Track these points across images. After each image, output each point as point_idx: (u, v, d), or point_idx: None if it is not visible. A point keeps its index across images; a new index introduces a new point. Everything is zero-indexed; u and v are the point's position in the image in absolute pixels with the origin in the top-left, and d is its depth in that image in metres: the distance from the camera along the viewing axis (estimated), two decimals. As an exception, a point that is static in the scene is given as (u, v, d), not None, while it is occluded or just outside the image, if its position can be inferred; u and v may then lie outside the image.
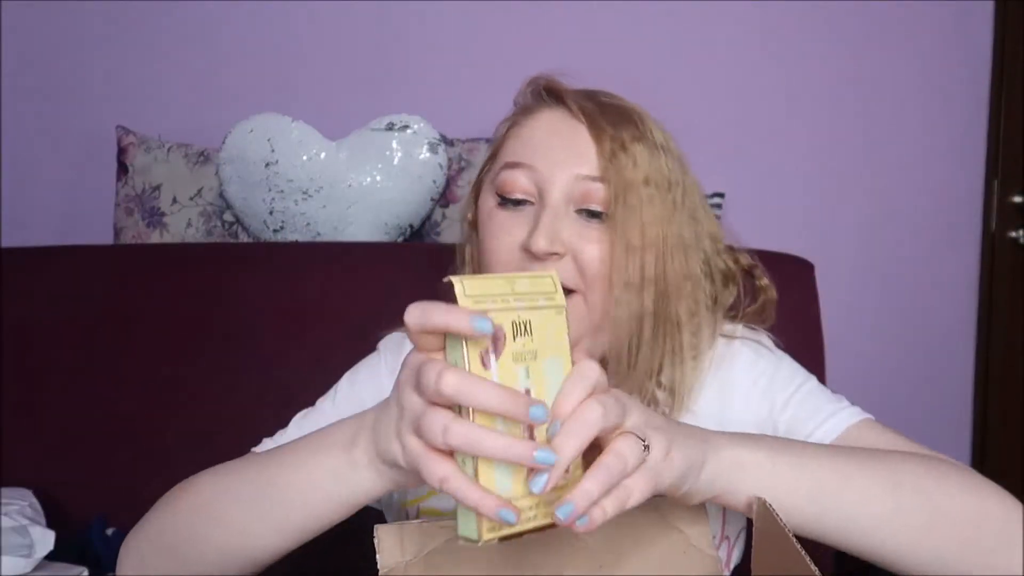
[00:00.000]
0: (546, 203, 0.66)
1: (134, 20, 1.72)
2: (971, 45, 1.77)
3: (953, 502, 0.57)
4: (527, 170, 0.67)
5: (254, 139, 1.42)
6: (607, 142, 0.66)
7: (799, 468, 0.55)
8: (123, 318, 1.19)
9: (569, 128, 0.69)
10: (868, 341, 1.79)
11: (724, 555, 0.73)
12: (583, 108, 0.69)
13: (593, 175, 0.66)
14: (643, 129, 0.69)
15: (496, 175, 0.69)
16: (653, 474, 0.47)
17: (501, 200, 0.69)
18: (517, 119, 0.73)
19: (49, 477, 1.13)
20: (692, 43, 1.75)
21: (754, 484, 0.53)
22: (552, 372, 0.46)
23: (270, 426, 1.15)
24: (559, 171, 0.66)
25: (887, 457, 0.58)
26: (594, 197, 0.66)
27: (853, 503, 0.55)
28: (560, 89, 0.72)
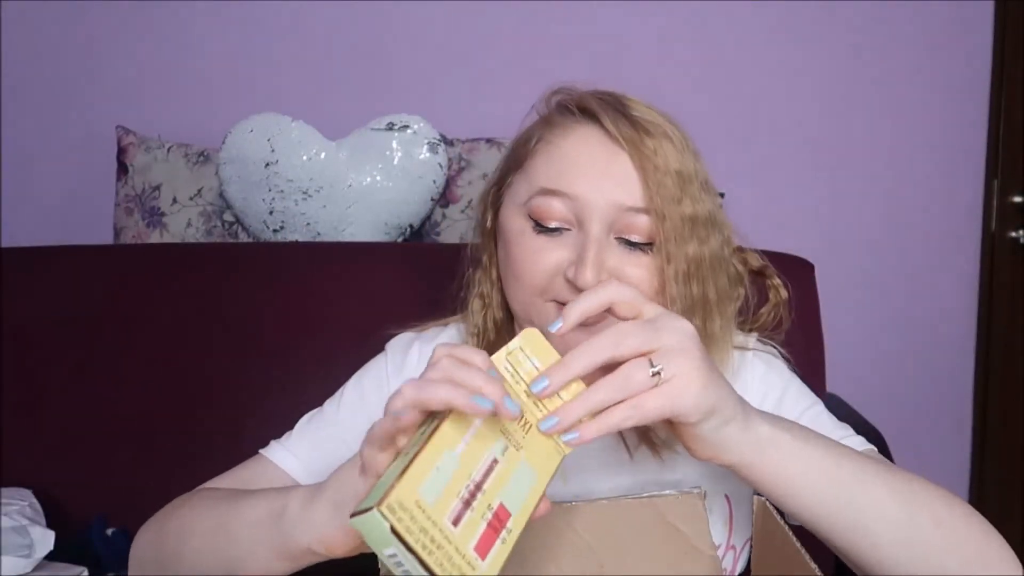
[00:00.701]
0: (588, 233, 0.64)
1: (134, 20, 1.72)
2: (971, 45, 1.77)
3: (958, 535, 0.56)
4: (564, 198, 0.65)
5: (254, 139, 1.42)
6: (651, 171, 0.64)
7: (826, 461, 0.55)
8: (123, 318, 1.19)
9: (608, 152, 0.65)
10: (868, 341, 1.79)
11: (729, 564, 0.73)
12: (622, 132, 0.65)
13: (638, 207, 0.64)
14: (679, 147, 0.67)
15: (530, 199, 0.67)
16: (670, 395, 0.49)
17: (536, 226, 0.66)
18: (546, 135, 0.69)
19: (49, 477, 1.13)
20: (692, 43, 1.75)
21: (780, 464, 0.54)
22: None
23: (269, 425, 1.15)
24: (600, 199, 0.64)
25: (905, 475, 0.58)
26: (638, 228, 0.64)
27: (868, 508, 0.55)
28: (593, 107, 0.68)
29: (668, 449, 0.72)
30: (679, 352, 0.50)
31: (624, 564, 0.55)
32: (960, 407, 1.85)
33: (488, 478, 0.45)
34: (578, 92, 0.71)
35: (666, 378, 0.49)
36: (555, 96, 0.72)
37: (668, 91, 1.72)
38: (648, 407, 0.49)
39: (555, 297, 0.67)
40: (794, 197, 1.79)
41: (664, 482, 0.72)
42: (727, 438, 0.52)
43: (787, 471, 0.54)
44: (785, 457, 0.54)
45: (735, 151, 1.76)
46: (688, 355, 0.50)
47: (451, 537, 0.41)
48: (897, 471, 0.58)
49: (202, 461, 1.16)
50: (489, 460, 0.46)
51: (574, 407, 0.49)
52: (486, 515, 0.44)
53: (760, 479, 0.54)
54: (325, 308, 1.18)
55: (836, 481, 0.55)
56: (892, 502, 0.55)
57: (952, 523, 0.56)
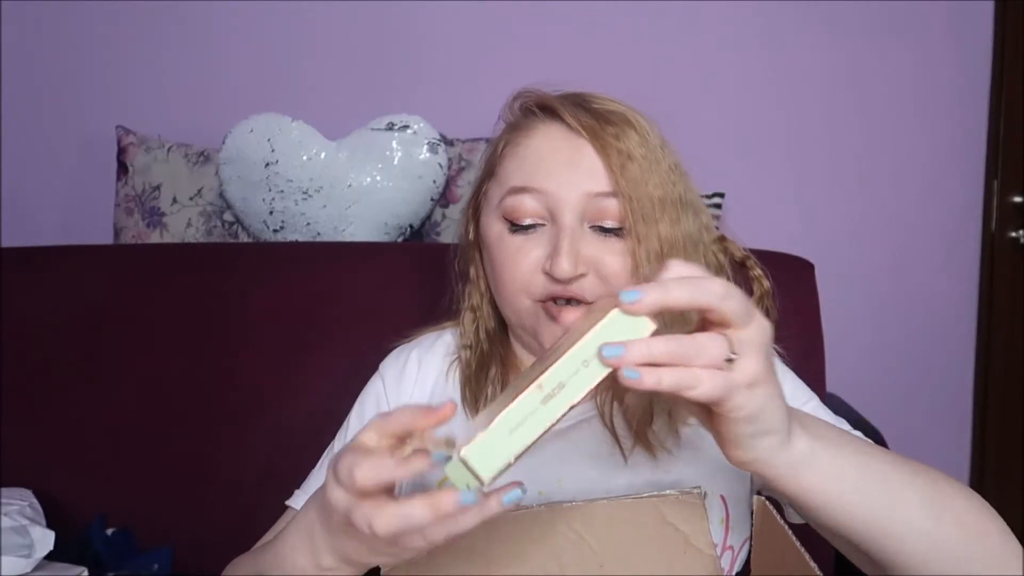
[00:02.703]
0: (561, 224, 0.65)
1: (134, 20, 1.72)
2: (971, 45, 1.77)
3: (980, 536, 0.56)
4: (534, 194, 0.66)
5: (254, 139, 1.42)
6: (614, 155, 0.65)
7: (860, 476, 0.53)
8: (123, 318, 1.19)
9: (570, 144, 0.67)
10: (868, 341, 1.79)
11: (727, 565, 0.73)
12: (582, 122, 0.67)
13: (605, 191, 0.65)
14: (642, 132, 0.68)
15: (501, 200, 0.68)
16: (728, 382, 0.46)
17: (512, 226, 0.67)
18: (511, 138, 0.71)
19: (49, 477, 1.13)
20: (692, 43, 1.75)
21: (812, 485, 0.52)
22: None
23: (269, 425, 1.15)
24: (568, 190, 0.65)
25: (929, 475, 0.57)
26: (609, 213, 0.65)
27: (898, 519, 0.54)
28: (553, 104, 0.70)
29: (663, 451, 0.72)
30: (757, 347, 0.47)
31: (624, 564, 0.55)
32: (960, 407, 1.85)
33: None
34: (538, 93, 0.72)
35: (734, 367, 0.46)
36: (517, 100, 0.74)
37: (668, 91, 1.73)
38: (706, 385, 0.45)
39: (538, 295, 0.68)
40: (794, 197, 1.79)
41: (660, 483, 0.72)
42: (763, 450, 0.50)
43: (819, 492, 0.53)
44: (819, 479, 0.52)
45: (735, 151, 1.76)
46: (762, 353, 0.48)
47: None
48: (921, 471, 0.57)
49: (202, 461, 1.16)
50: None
51: (639, 345, 0.44)
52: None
53: (790, 496, 0.53)
54: (325, 308, 1.18)
55: (868, 496, 0.54)
56: (921, 509, 0.55)
57: (975, 525, 0.56)
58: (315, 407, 0.95)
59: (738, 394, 0.47)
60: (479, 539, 0.55)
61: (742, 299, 0.46)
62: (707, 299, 0.44)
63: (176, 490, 1.15)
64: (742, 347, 0.46)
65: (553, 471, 0.73)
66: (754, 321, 0.47)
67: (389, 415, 0.48)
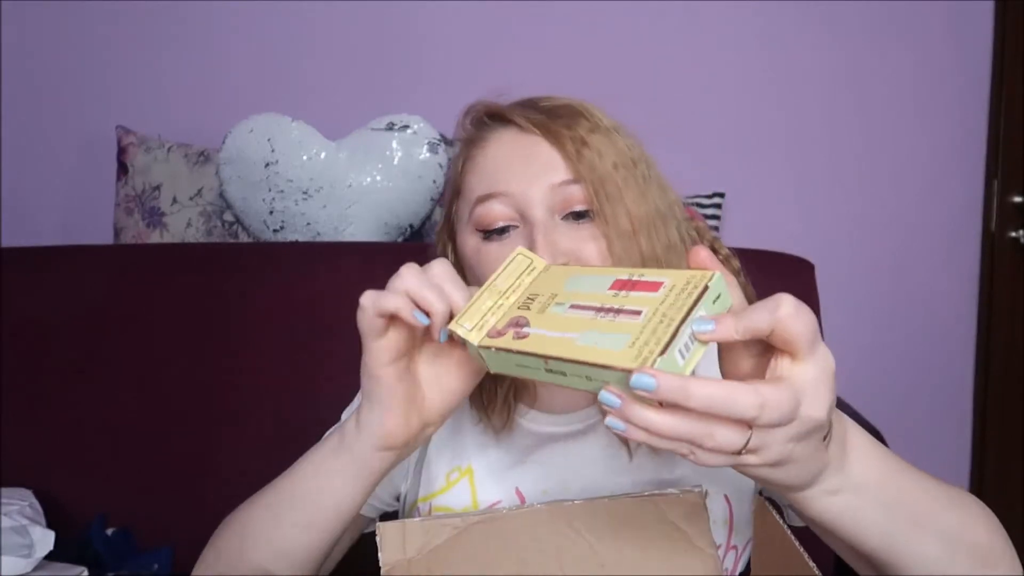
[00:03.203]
0: (532, 221, 0.65)
1: (134, 20, 1.72)
2: (971, 45, 1.77)
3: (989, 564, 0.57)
4: (500, 198, 0.66)
5: (254, 139, 1.42)
6: (568, 143, 0.66)
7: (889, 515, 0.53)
8: (123, 318, 1.19)
9: (525, 143, 0.68)
10: (868, 341, 1.79)
11: (730, 564, 0.73)
12: (531, 120, 0.68)
13: (566, 179, 0.65)
14: (592, 119, 0.69)
15: (471, 213, 0.68)
16: (734, 461, 0.43)
17: (485, 235, 0.67)
18: (469, 152, 0.72)
19: (49, 477, 1.13)
20: (692, 43, 1.75)
21: (840, 523, 0.52)
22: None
23: (269, 426, 1.15)
24: (533, 187, 0.65)
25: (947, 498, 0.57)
26: (575, 199, 0.65)
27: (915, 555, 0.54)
28: (500, 110, 0.71)
29: None
30: (788, 441, 0.43)
31: (625, 563, 0.55)
32: (960, 407, 1.85)
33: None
34: (485, 103, 0.73)
35: (748, 454, 0.43)
36: (467, 116, 0.74)
37: (668, 91, 1.73)
38: (706, 460, 0.43)
39: None
40: (794, 197, 1.79)
41: (664, 482, 0.72)
42: (776, 489, 0.50)
43: (845, 528, 0.52)
44: (848, 522, 0.52)
45: (735, 151, 1.76)
46: (794, 438, 0.44)
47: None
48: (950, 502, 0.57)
49: (203, 460, 1.16)
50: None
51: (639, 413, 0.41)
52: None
53: (806, 518, 0.54)
54: (325, 308, 1.18)
55: (888, 532, 0.53)
56: (938, 546, 0.55)
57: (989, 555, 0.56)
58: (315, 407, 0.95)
59: (748, 469, 0.45)
60: (479, 539, 0.55)
61: (783, 405, 0.42)
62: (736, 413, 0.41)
63: (176, 490, 1.15)
64: (768, 440, 0.43)
65: (559, 478, 0.73)
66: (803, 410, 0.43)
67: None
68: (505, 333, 0.50)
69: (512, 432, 0.74)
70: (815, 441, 0.45)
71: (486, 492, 0.74)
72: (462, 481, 0.75)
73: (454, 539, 0.54)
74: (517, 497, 0.73)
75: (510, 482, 0.73)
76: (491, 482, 0.74)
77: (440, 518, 0.56)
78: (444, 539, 0.55)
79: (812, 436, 0.45)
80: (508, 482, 0.74)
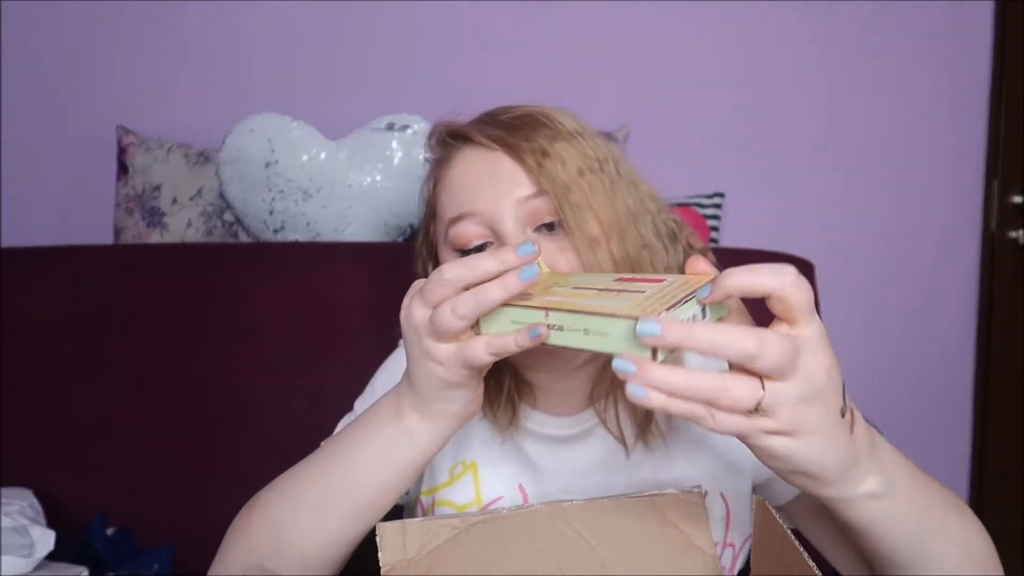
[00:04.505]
0: (505, 237, 0.65)
1: (134, 20, 1.72)
2: (971, 45, 1.77)
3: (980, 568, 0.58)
4: (471, 217, 0.67)
5: (254, 139, 1.42)
6: (528, 156, 0.66)
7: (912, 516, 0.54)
8: (123, 318, 1.19)
9: (488, 160, 0.68)
10: (868, 341, 1.79)
11: (728, 562, 0.73)
12: (491, 136, 0.68)
13: (531, 193, 0.66)
14: (553, 126, 0.69)
15: (446, 234, 0.69)
16: (749, 426, 0.44)
17: (463, 254, 0.68)
18: (437, 173, 0.73)
19: (49, 477, 1.13)
20: (691, 44, 1.75)
21: (868, 521, 0.53)
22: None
23: (269, 426, 1.15)
24: (501, 203, 0.66)
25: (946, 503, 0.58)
26: (542, 211, 0.66)
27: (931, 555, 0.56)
28: (462, 129, 0.72)
29: (664, 444, 0.73)
30: (798, 397, 0.44)
31: (624, 563, 0.55)
32: (960, 407, 1.85)
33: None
34: (447, 123, 0.74)
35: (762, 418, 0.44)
36: (432, 137, 0.75)
37: (668, 91, 1.73)
38: (722, 424, 0.43)
39: None
40: (794, 197, 1.79)
41: (662, 481, 0.72)
42: (802, 487, 0.50)
43: (878, 533, 0.53)
44: (883, 527, 0.53)
45: (735, 151, 1.76)
46: (807, 404, 0.44)
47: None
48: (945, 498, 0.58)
49: (202, 461, 1.16)
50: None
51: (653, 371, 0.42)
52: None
53: (841, 521, 0.54)
54: (325, 308, 1.18)
55: (913, 535, 0.54)
56: (952, 546, 0.56)
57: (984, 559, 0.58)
58: (315, 407, 0.95)
59: (764, 438, 0.45)
60: (479, 539, 0.55)
61: (783, 347, 0.43)
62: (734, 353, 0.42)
63: (176, 490, 1.15)
64: (779, 398, 0.44)
65: (559, 478, 0.73)
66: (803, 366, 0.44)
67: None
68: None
69: (516, 429, 0.74)
70: (826, 409, 0.46)
71: (489, 487, 0.74)
72: (466, 475, 0.75)
73: (454, 539, 0.54)
74: (519, 493, 0.73)
75: (513, 478, 0.74)
76: (494, 478, 0.74)
77: (440, 518, 0.56)
78: (444, 539, 0.55)
79: (820, 400, 0.45)
80: (511, 478, 0.74)
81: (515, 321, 0.50)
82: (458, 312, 0.50)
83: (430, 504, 0.76)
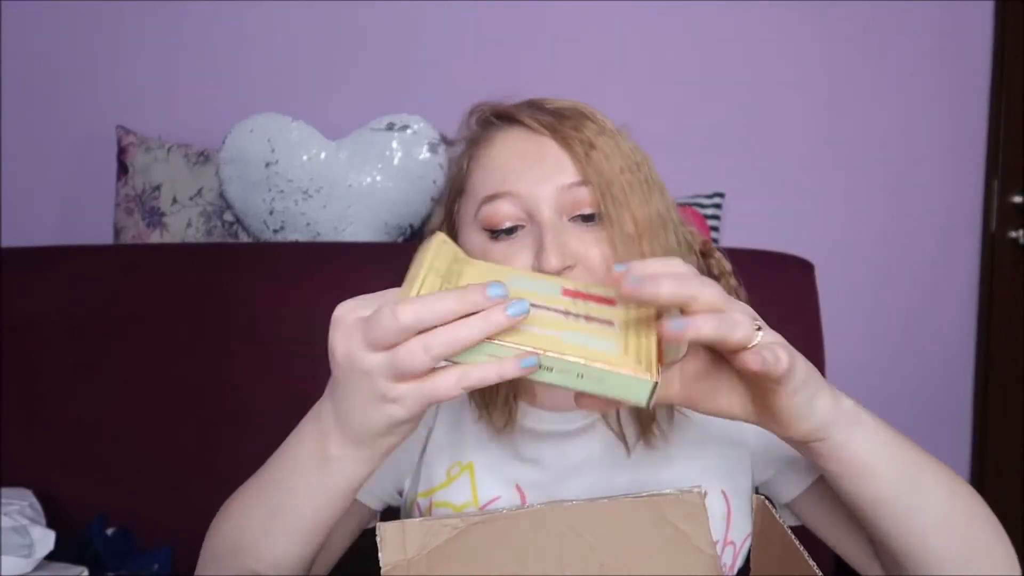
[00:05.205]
0: (541, 222, 0.65)
1: (134, 20, 1.72)
2: (971, 45, 1.77)
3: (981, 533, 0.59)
4: (509, 197, 0.66)
5: (254, 139, 1.42)
6: (577, 145, 0.66)
7: (895, 444, 0.56)
8: (123, 318, 1.19)
9: (534, 144, 0.68)
10: (868, 341, 1.79)
11: (728, 560, 0.73)
12: (540, 120, 0.68)
13: (575, 181, 0.66)
14: (598, 122, 0.69)
15: (477, 212, 0.68)
16: (774, 349, 0.48)
17: (492, 234, 0.67)
18: (474, 152, 0.72)
19: (49, 477, 1.13)
20: (692, 43, 1.75)
21: (862, 444, 0.54)
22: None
23: (269, 426, 1.15)
24: (542, 187, 0.66)
25: (941, 464, 0.59)
26: (583, 202, 0.66)
27: (923, 497, 0.57)
28: (509, 110, 0.71)
29: (665, 443, 0.73)
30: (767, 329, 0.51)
31: (624, 563, 0.55)
32: (960, 407, 1.85)
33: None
34: (492, 103, 0.73)
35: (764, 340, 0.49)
36: (472, 116, 0.74)
37: (668, 92, 1.73)
38: (743, 328, 0.47)
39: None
40: (794, 197, 1.79)
41: (662, 480, 0.72)
42: (823, 411, 0.52)
43: (867, 453, 0.54)
44: (868, 437, 0.54)
45: (735, 151, 1.76)
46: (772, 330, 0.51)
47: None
48: (936, 460, 0.59)
49: (203, 461, 1.16)
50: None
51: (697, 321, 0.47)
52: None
53: (839, 458, 0.55)
54: (325, 308, 1.18)
55: (902, 465, 0.56)
56: (942, 492, 0.57)
57: (979, 522, 0.59)
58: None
59: (776, 348, 0.48)
60: (479, 539, 0.55)
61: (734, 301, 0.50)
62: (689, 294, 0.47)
63: (176, 490, 1.15)
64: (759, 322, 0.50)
65: (558, 476, 0.73)
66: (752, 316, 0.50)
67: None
68: None
69: (512, 429, 0.74)
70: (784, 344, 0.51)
71: (486, 487, 0.74)
72: (462, 476, 0.75)
73: (454, 539, 0.54)
74: (517, 493, 0.73)
75: (510, 478, 0.74)
76: (491, 478, 0.74)
77: (440, 518, 0.56)
78: (444, 539, 0.55)
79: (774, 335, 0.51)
80: (508, 478, 0.74)
81: (492, 356, 0.47)
82: (433, 352, 0.46)
83: (427, 506, 0.76)
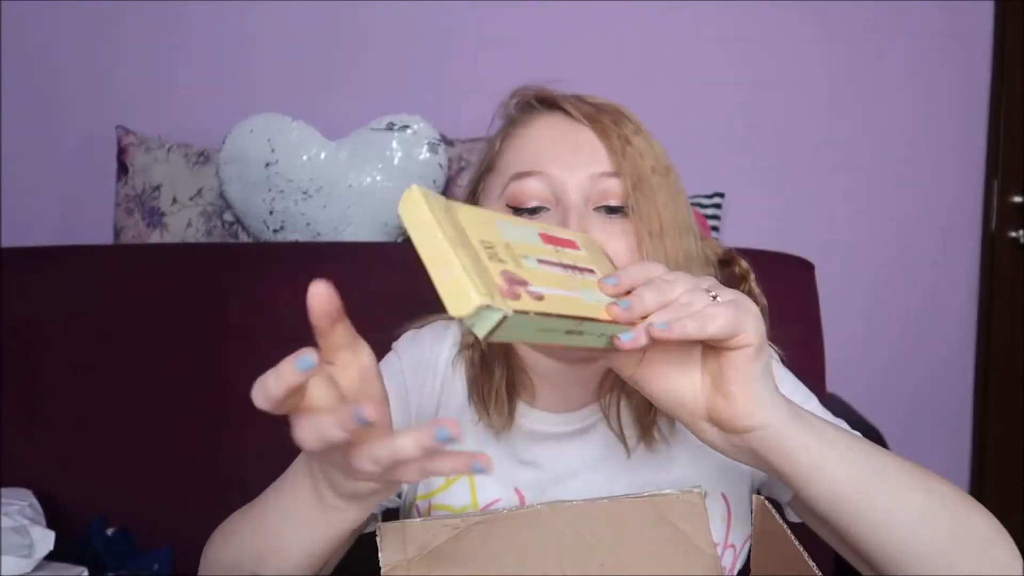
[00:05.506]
0: (567, 205, 0.66)
1: (134, 20, 1.72)
2: (971, 45, 1.77)
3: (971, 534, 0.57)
4: (539, 177, 0.67)
5: (254, 139, 1.42)
6: (614, 139, 0.67)
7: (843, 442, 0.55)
8: (123, 318, 1.19)
9: (572, 131, 0.69)
10: (868, 341, 1.80)
11: (728, 562, 0.73)
12: (580, 110, 0.70)
13: (608, 171, 0.67)
14: (634, 122, 0.71)
15: (504, 188, 0.69)
16: (736, 310, 0.49)
17: (516, 211, 0.68)
18: (510, 131, 0.73)
19: (49, 477, 1.13)
20: (692, 43, 1.75)
21: (804, 437, 0.53)
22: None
23: (269, 426, 1.15)
24: (573, 173, 0.67)
25: (919, 466, 0.58)
26: (612, 193, 0.67)
27: (887, 496, 0.55)
28: (553, 95, 0.73)
29: (666, 446, 0.72)
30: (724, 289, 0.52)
31: (625, 564, 0.55)
32: (960, 407, 1.86)
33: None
34: (536, 88, 0.74)
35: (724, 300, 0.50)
36: (514, 98, 0.75)
37: (668, 91, 1.73)
38: (720, 320, 0.48)
39: None
40: (794, 197, 1.79)
41: (662, 482, 0.72)
42: (767, 390, 0.52)
43: (811, 445, 0.53)
44: (811, 431, 0.54)
45: (735, 151, 1.76)
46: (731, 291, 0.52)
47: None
48: (911, 463, 0.58)
49: (203, 461, 1.16)
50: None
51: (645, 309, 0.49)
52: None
53: (785, 449, 0.53)
54: (325, 308, 1.18)
55: (856, 463, 0.54)
56: (912, 488, 0.56)
57: (968, 522, 0.57)
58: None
59: (747, 319, 0.50)
60: (479, 539, 0.55)
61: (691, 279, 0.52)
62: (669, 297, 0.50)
63: (176, 490, 1.15)
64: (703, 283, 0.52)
65: (558, 477, 0.73)
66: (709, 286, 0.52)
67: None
68: (518, 295, 0.44)
69: (511, 431, 0.74)
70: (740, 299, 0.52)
71: (485, 490, 0.74)
72: (461, 479, 0.75)
73: (454, 539, 0.54)
74: (516, 496, 0.73)
75: (509, 481, 0.74)
76: (490, 481, 0.74)
77: (440, 518, 0.56)
78: (444, 539, 0.54)
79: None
80: (507, 481, 0.74)
81: (543, 330, 0.46)
82: (381, 463, 0.45)
83: (426, 509, 0.76)
